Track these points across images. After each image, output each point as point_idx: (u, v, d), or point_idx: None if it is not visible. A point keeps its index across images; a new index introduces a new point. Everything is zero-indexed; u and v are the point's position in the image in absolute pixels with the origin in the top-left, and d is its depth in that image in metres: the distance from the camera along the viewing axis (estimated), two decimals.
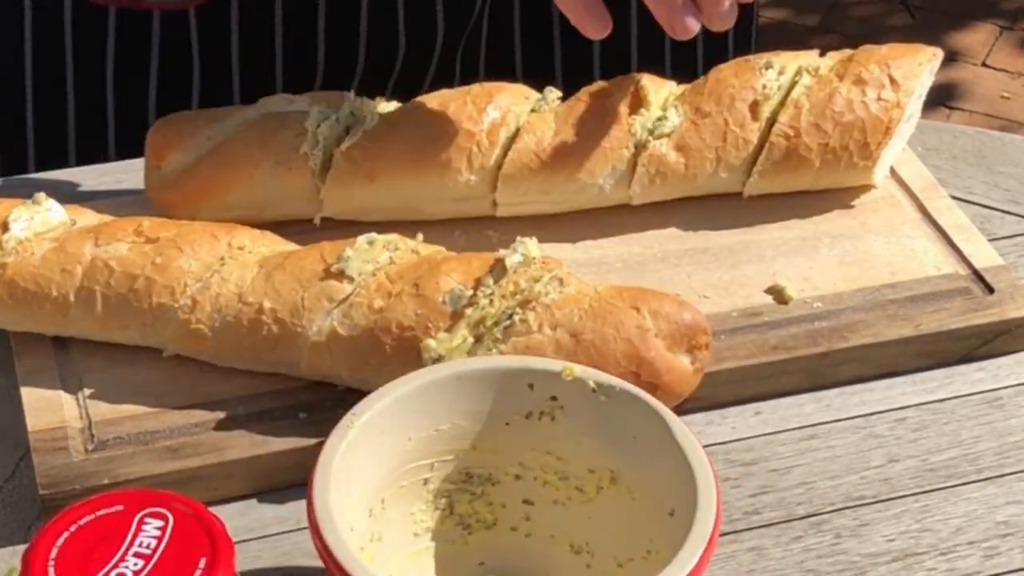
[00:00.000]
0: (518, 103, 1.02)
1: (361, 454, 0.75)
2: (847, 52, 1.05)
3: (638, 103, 1.01)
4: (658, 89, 1.02)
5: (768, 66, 1.02)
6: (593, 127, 1.00)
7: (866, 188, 1.04)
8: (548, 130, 1.00)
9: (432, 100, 1.02)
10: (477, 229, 1.01)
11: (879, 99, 1.02)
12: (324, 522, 0.71)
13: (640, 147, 1.00)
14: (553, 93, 1.03)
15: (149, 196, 1.01)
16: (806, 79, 1.02)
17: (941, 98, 2.94)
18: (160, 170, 1.01)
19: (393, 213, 1.01)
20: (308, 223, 1.00)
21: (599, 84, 1.03)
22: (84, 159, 1.17)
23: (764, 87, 1.01)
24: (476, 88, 1.02)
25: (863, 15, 3.17)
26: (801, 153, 1.01)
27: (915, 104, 1.05)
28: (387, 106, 1.03)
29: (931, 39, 3.06)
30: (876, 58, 1.03)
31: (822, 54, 1.06)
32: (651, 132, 1.00)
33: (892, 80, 1.02)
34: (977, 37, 3.11)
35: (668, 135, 1.00)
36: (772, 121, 1.01)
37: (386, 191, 1.00)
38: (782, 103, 1.02)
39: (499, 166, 1.00)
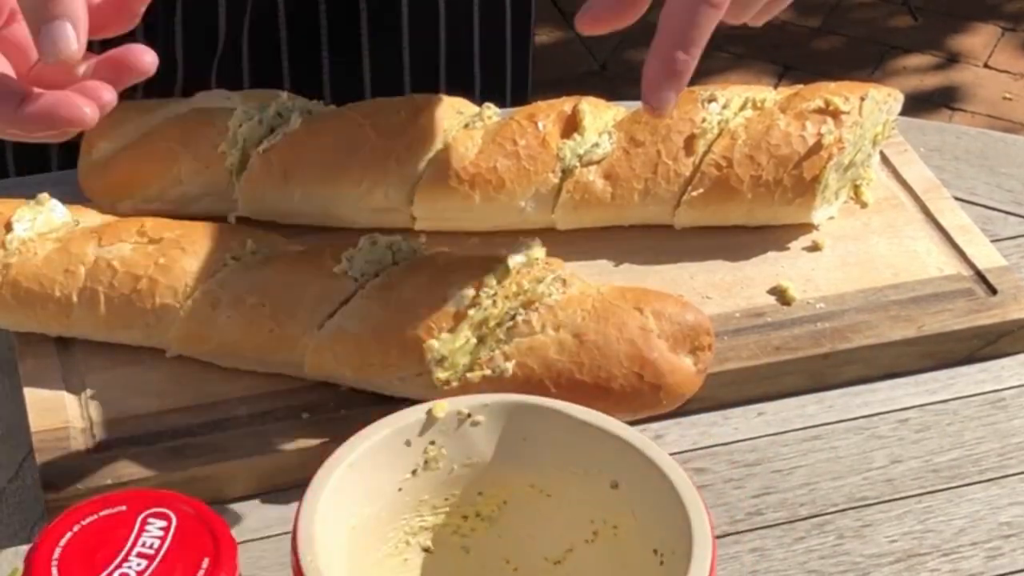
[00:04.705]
0: (449, 117, 0.99)
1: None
2: (798, 87, 1.02)
3: (573, 127, 0.99)
4: (599, 114, 1.00)
5: (712, 99, 1.00)
6: (520, 148, 0.98)
7: (808, 227, 1.01)
8: (473, 147, 0.98)
9: (362, 108, 1.00)
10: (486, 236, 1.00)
11: (818, 133, 0.98)
12: (304, 546, 0.68)
13: (567, 172, 0.98)
14: (491, 110, 1.01)
15: (79, 182, 1.01)
16: (748, 112, 1.00)
17: (943, 99, 2.94)
18: (90, 157, 1.00)
19: (309, 218, 0.99)
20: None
21: (536, 105, 1.00)
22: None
23: (703, 120, 0.99)
24: (410, 99, 1.01)
25: (865, 17, 3.17)
26: (732, 184, 0.97)
27: (865, 145, 1.01)
28: (319, 108, 1.01)
29: (933, 40, 3.10)
30: (822, 93, 1.00)
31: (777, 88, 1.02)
32: (580, 158, 0.98)
33: (835, 115, 0.99)
34: (979, 38, 3.12)
35: (597, 162, 0.98)
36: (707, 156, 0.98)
37: (300, 196, 0.98)
38: (720, 136, 0.99)
39: (418, 181, 0.98)
